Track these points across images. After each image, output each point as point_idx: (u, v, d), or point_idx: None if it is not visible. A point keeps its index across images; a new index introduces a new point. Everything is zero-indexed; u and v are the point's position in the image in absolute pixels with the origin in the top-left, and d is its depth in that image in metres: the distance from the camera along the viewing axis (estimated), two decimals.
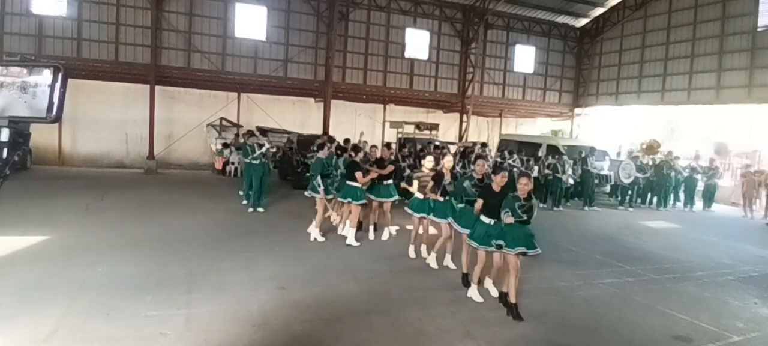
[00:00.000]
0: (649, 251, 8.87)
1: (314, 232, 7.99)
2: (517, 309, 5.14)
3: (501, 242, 5.18)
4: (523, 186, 5.11)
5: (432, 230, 7.29)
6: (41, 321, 4.30)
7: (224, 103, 18.24)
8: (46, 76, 1.70)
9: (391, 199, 8.22)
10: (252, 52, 17.30)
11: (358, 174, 7.64)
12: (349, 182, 7.80)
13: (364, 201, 7.88)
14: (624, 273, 7.27)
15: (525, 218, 5.09)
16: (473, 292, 5.66)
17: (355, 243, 7.76)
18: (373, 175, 7.87)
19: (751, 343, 5.03)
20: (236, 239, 7.73)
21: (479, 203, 5.54)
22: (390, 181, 8.24)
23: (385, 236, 8.24)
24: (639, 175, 14.46)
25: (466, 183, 6.08)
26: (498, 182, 5.46)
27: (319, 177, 7.90)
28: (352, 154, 8.52)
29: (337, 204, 8.60)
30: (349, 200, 7.78)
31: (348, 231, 7.93)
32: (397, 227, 8.58)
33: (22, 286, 5.11)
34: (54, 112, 1.69)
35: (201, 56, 16.66)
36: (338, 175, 8.09)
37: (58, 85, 1.70)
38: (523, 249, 5.09)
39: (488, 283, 5.78)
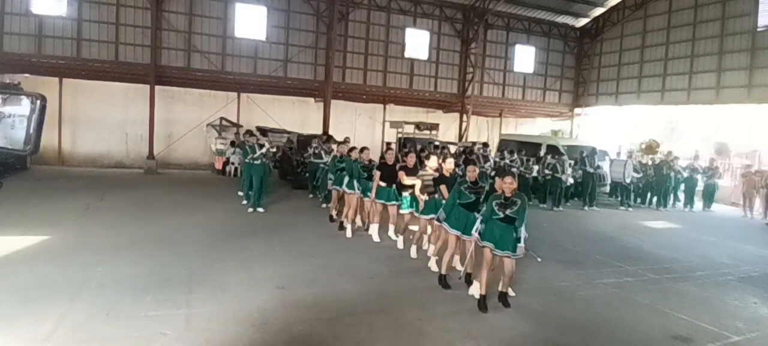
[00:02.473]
0: (649, 251, 8.88)
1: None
2: (485, 301, 5.34)
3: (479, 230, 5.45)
4: (504, 185, 5.31)
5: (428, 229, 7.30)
6: (41, 321, 4.30)
7: (224, 103, 18.24)
8: (25, 105, 1.63)
9: (408, 210, 7.71)
10: (252, 52, 17.29)
11: (377, 173, 7.88)
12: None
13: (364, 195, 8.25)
14: (624, 273, 7.27)
15: (501, 215, 5.24)
16: (474, 289, 5.68)
17: (349, 235, 8.35)
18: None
19: (750, 343, 5.03)
20: (236, 239, 7.72)
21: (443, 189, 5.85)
22: (409, 191, 7.66)
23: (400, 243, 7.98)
24: (635, 175, 14.47)
25: (462, 187, 6.06)
26: (500, 185, 5.53)
27: (354, 180, 8.38)
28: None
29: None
30: (358, 193, 8.28)
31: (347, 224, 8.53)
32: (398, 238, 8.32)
33: (22, 286, 5.11)
34: (32, 144, 1.61)
35: (201, 56, 16.66)
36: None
37: (35, 116, 1.62)
38: (490, 245, 5.27)
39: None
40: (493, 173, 11.93)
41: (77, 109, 16.72)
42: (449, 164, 6.82)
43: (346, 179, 8.60)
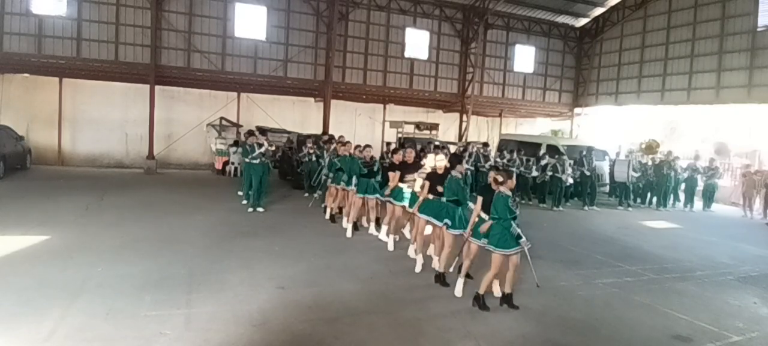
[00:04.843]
0: (649, 251, 8.88)
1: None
2: (483, 300, 5.36)
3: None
4: (511, 184, 5.35)
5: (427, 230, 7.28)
6: (41, 321, 4.30)
7: (224, 103, 18.24)
8: None
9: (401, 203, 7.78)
10: (252, 52, 17.29)
11: (392, 175, 7.77)
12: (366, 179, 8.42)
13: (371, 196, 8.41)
14: (624, 273, 7.27)
15: (517, 213, 5.32)
16: (459, 288, 5.75)
17: (349, 235, 8.42)
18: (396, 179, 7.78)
19: (751, 343, 5.03)
20: (236, 239, 7.73)
21: (478, 202, 5.61)
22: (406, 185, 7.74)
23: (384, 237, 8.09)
24: (633, 173, 14.47)
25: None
26: (509, 185, 5.45)
27: (353, 177, 8.47)
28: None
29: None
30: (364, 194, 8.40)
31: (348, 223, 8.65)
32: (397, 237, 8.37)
33: (22, 286, 5.11)
34: None
35: (201, 56, 16.66)
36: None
37: None
38: (483, 243, 5.41)
39: (495, 285, 5.74)
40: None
41: (77, 109, 16.73)
42: (441, 162, 6.76)
43: (345, 178, 8.71)
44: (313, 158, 12.23)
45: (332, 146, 10.70)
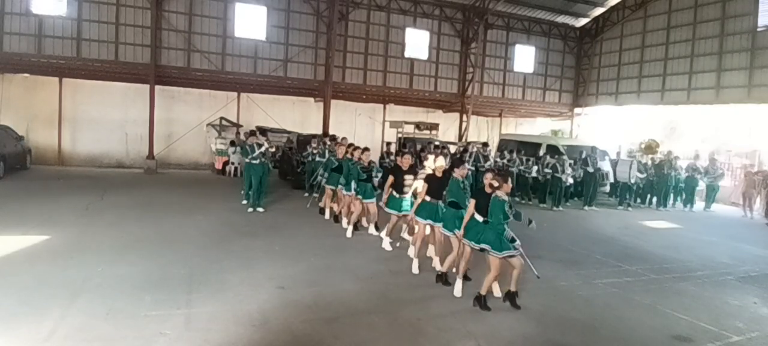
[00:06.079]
0: (649, 251, 8.88)
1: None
2: (485, 300, 5.36)
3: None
4: (506, 187, 5.36)
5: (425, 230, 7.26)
6: (41, 321, 4.30)
7: (224, 103, 18.24)
8: None
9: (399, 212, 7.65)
10: (252, 52, 17.29)
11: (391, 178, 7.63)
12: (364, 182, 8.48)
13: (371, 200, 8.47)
14: (624, 273, 7.27)
15: (511, 216, 5.37)
16: (458, 289, 5.75)
17: (349, 235, 8.43)
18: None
19: (750, 343, 5.03)
20: (236, 239, 7.73)
21: (471, 204, 5.61)
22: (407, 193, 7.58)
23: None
24: (639, 175, 14.46)
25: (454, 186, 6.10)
26: (506, 189, 5.46)
27: (353, 180, 8.47)
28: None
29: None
30: (360, 196, 8.46)
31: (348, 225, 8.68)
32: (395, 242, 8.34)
33: (22, 286, 5.11)
34: None
35: (201, 56, 16.65)
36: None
37: None
38: (478, 246, 5.42)
39: (495, 285, 5.72)
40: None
41: (77, 109, 16.74)
42: (440, 164, 6.71)
43: (342, 180, 8.71)
44: (317, 158, 12.23)
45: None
